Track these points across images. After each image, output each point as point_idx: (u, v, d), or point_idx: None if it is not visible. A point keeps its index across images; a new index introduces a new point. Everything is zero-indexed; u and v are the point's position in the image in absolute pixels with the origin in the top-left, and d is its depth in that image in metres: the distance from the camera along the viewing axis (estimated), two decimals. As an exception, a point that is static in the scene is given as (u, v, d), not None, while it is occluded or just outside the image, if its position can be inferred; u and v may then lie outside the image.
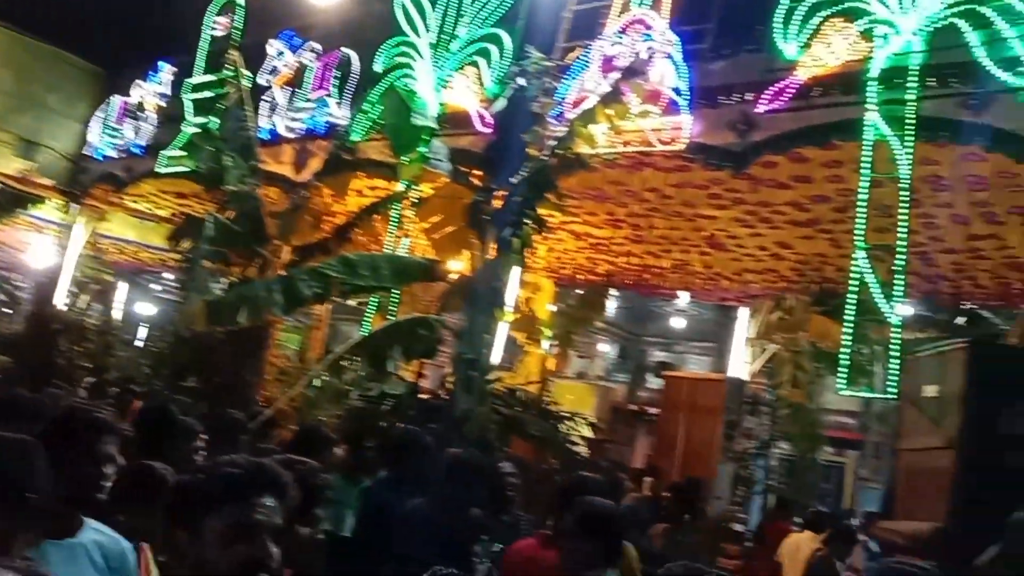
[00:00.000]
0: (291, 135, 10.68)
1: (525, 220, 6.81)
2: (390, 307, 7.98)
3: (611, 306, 15.54)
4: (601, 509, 3.12)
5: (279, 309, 6.63)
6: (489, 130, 7.83)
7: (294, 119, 10.78)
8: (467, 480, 3.78)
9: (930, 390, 4.67)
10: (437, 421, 6.35)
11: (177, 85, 12.55)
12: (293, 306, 6.77)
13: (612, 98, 6.76)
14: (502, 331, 8.68)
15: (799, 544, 5.66)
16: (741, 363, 12.15)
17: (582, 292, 12.56)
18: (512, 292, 7.45)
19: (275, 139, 10.69)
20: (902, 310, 9.38)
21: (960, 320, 10.00)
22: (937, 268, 8.12)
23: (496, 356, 8.43)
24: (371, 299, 8.32)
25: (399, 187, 8.01)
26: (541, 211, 6.99)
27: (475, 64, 8.46)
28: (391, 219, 8.57)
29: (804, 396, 10.58)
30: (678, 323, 20.78)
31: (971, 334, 9.02)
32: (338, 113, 10.14)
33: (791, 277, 9.62)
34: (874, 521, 7.10)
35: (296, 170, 10.43)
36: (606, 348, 23.56)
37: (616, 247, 10.36)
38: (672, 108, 7.04)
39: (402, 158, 7.23)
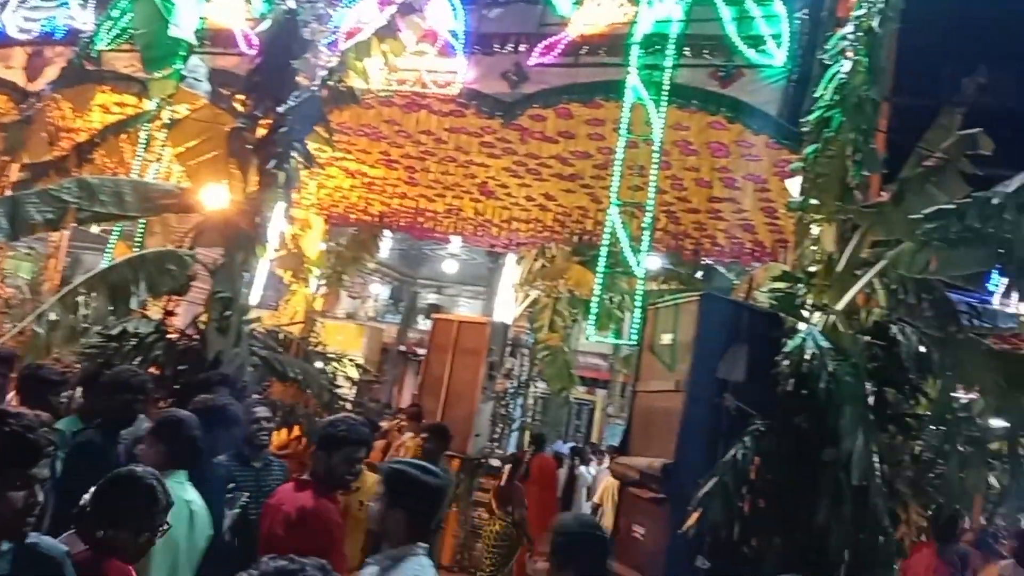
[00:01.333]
0: (24, 36, 9.38)
1: (292, 153, 6.49)
2: (136, 237, 7.35)
3: (385, 247, 15.44)
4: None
5: (3, 234, 5.88)
6: (255, 52, 7.33)
7: (28, 19, 9.46)
8: (212, 426, 3.60)
9: (666, 338, 5.08)
10: (187, 363, 5.98)
11: None
12: (20, 231, 6.01)
13: (388, 33, 6.56)
14: (264, 269, 8.31)
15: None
16: (506, 307, 12.62)
17: (355, 232, 12.34)
18: (276, 228, 7.11)
19: (4, 40, 9.35)
20: (651, 264, 10.20)
21: (699, 275, 11.02)
22: (682, 226, 8.82)
23: (257, 295, 8.07)
24: (115, 227, 7.61)
25: (149, 105, 7.32)
26: (310, 145, 6.70)
27: (243, -22, 7.85)
28: (139, 141, 7.84)
29: (560, 340, 11.22)
30: (450, 267, 21.12)
31: (708, 288, 9.97)
32: (81, 16, 9.02)
33: (555, 228, 10.05)
34: (615, 455, 7.70)
35: (29, 77, 9.20)
36: (379, 289, 23.44)
37: (391, 188, 10.24)
38: (448, 51, 6.99)
39: (154, 73, 6.57)
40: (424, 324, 19.20)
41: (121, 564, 2.42)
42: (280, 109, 6.36)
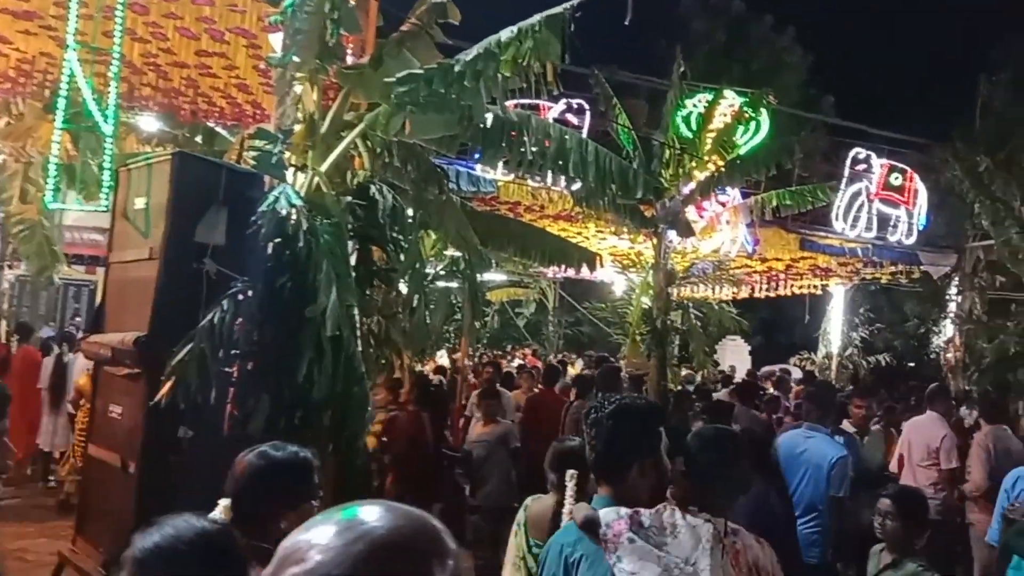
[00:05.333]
0: None
1: None
2: None
3: None
4: None
5: None
6: None
7: None
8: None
9: (139, 202, 4.63)
10: None
11: None
12: None
13: None
14: None
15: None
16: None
17: None
18: None
19: None
20: (147, 125, 9.24)
21: (199, 138, 10.29)
22: (172, 83, 8.08)
23: None
24: None
25: None
26: None
27: None
28: None
29: (38, 212, 9.70)
30: None
31: (208, 152, 9.38)
32: None
33: (15, 78, 8.45)
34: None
35: None
36: None
37: None
38: None
39: None
40: None
41: None
42: None
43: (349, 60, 5.94)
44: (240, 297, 4.38)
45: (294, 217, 4.18)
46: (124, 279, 4.75)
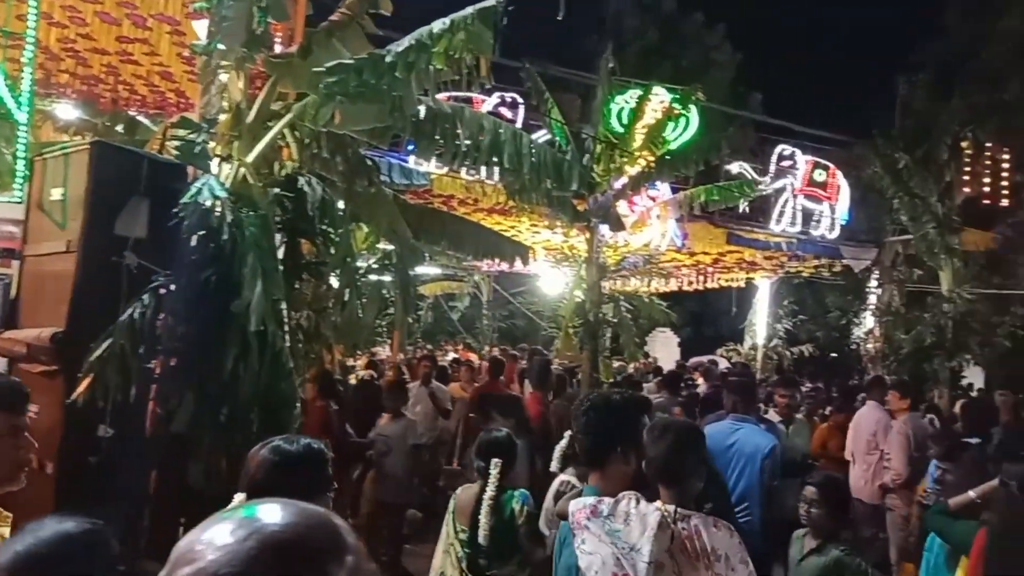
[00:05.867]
0: None
1: None
2: None
3: None
4: None
5: None
6: None
7: None
8: None
9: (56, 193, 4.44)
10: None
11: None
12: None
13: None
14: None
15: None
16: None
17: None
18: None
19: None
20: (65, 113, 8.87)
21: (119, 126, 9.93)
22: (92, 70, 7.79)
23: None
24: None
25: None
26: None
27: None
28: None
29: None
30: None
31: (130, 141, 9.07)
32: None
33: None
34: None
35: None
36: None
37: None
38: None
39: None
40: None
41: None
42: None
43: (277, 49, 5.82)
44: (162, 291, 4.26)
45: (218, 209, 4.08)
46: (40, 273, 4.56)
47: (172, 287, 4.27)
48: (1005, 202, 16.06)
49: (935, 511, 4.02)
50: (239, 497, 2.20)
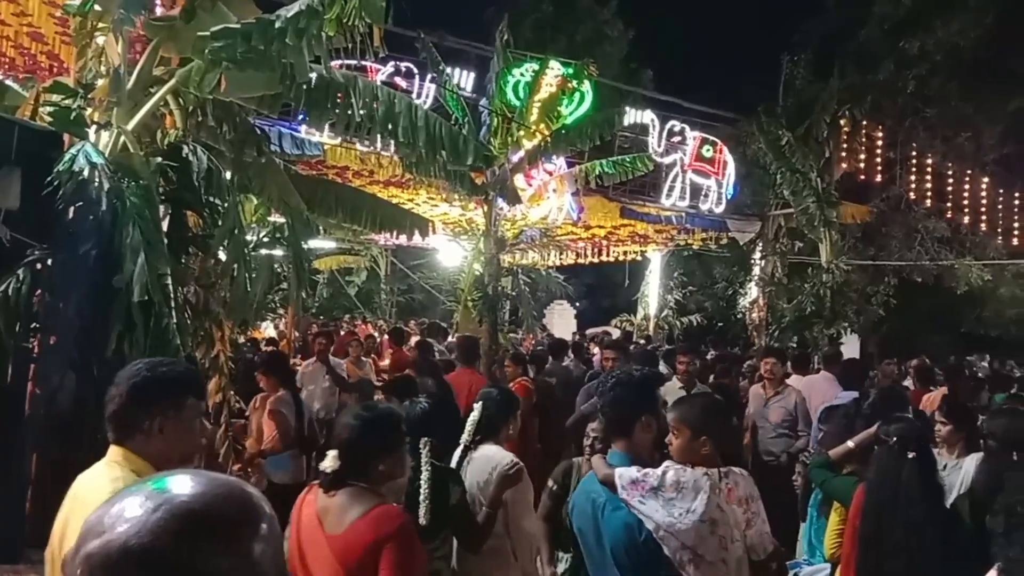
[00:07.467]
0: None
1: None
2: None
3: None
4: None
5: None
6: None
7: None
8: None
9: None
10: None
11: None
12: None
13: None
14: None
15: None
16: None
17: None
18: None
19: None
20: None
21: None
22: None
23: None
24: None
25: None
26: None
27: None
28: None
29: None
30: None
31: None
32: None
33: None
34: None
35: None
36: None
37: None
38: None
39: None
40: None
41: None
42: None
43: (158, 11, 5.56)
44: (39, 266, 4.05)
45: (96, 178, 3.88)
46: None
47: (49, 261, 4.07)
48: (879, 178, 17.07)
49: (816, 464, 4.24)
50: (332, 453, 2.58)
